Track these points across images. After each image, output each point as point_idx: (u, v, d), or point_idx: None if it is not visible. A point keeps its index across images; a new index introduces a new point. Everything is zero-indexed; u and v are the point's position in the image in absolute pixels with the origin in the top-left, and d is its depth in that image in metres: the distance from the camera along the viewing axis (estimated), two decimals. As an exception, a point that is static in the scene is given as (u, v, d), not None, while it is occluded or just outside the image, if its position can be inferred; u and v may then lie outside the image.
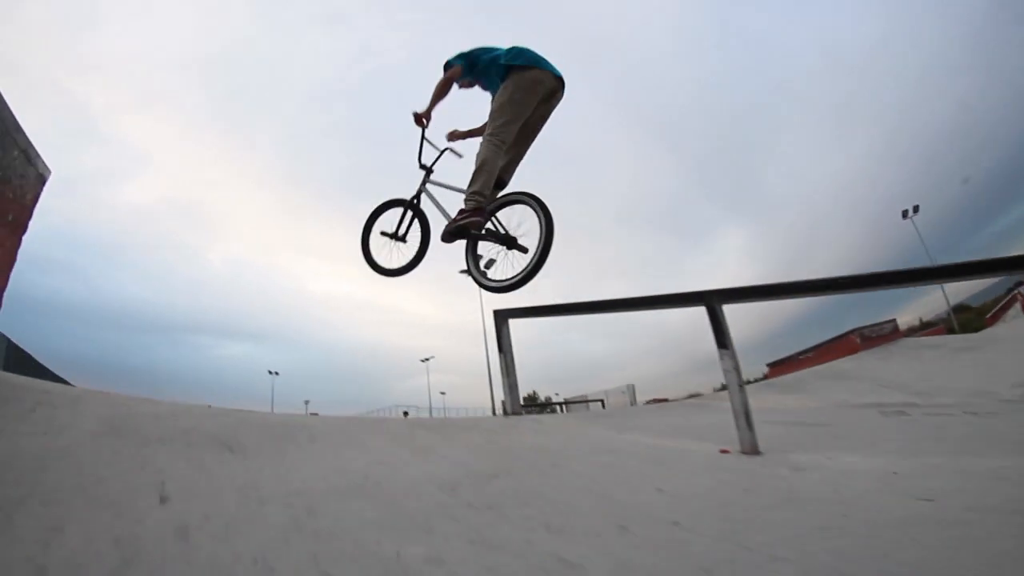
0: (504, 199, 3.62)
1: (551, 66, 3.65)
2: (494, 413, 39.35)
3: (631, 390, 39.42)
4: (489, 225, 3.65)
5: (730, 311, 4.47)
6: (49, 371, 16.14)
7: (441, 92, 3.82)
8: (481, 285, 3.77)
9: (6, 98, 2.81)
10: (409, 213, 4.13)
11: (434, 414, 52.33)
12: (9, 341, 14.61)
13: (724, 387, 4.37)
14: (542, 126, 3.77)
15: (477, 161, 3.53)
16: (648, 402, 40.55)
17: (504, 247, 3.62)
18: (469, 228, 3.56)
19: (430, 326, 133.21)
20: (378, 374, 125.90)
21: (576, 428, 5.44)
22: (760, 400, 6.30)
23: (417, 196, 4.10)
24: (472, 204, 3.51)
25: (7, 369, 14.45)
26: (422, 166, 4.10)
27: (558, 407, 33.63)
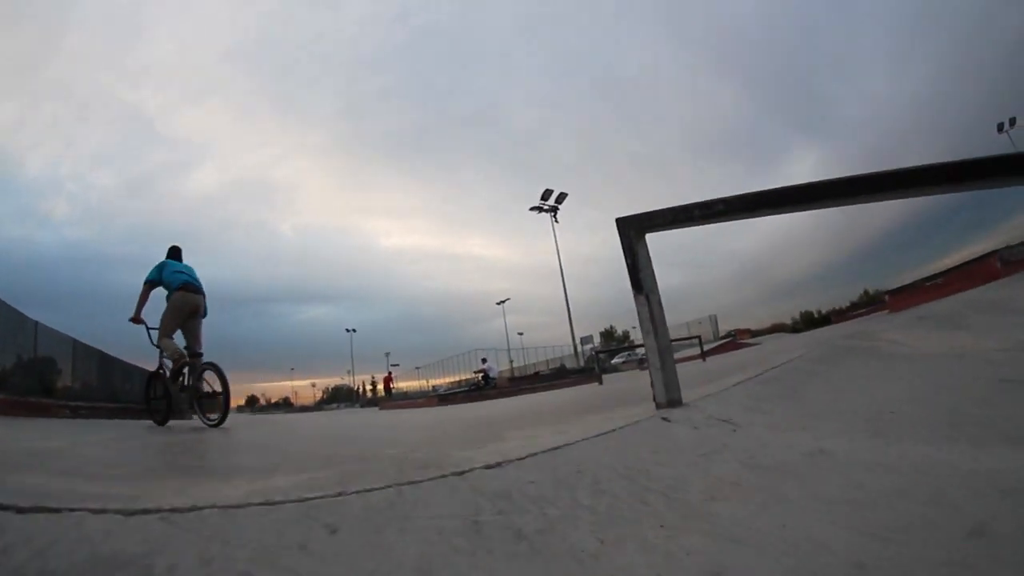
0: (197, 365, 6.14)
1: (196, 283, 6.40)
2: (575, 352, 39.07)
3: (713, 321, 38.35)
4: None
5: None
6: (122, 361, 17.64)
7: (143, 300, 6.21)
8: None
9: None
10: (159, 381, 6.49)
11: (512, 355, 53.62)
12: (75, 341, 16.05)
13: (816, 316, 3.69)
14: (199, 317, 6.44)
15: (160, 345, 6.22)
16: (731, 333, 39.13)
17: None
18: (181, 365, 6.10)
19: (502, 269, 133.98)
20: (455, 320, 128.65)
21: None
22: (920, 337, 5.33)
23: (160, 365, 6.42)
24: (170, 356, 6.20)
25: (74, 367, 15.70)
26: (156, 345, 6.26)
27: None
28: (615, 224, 3.41)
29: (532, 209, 35.70)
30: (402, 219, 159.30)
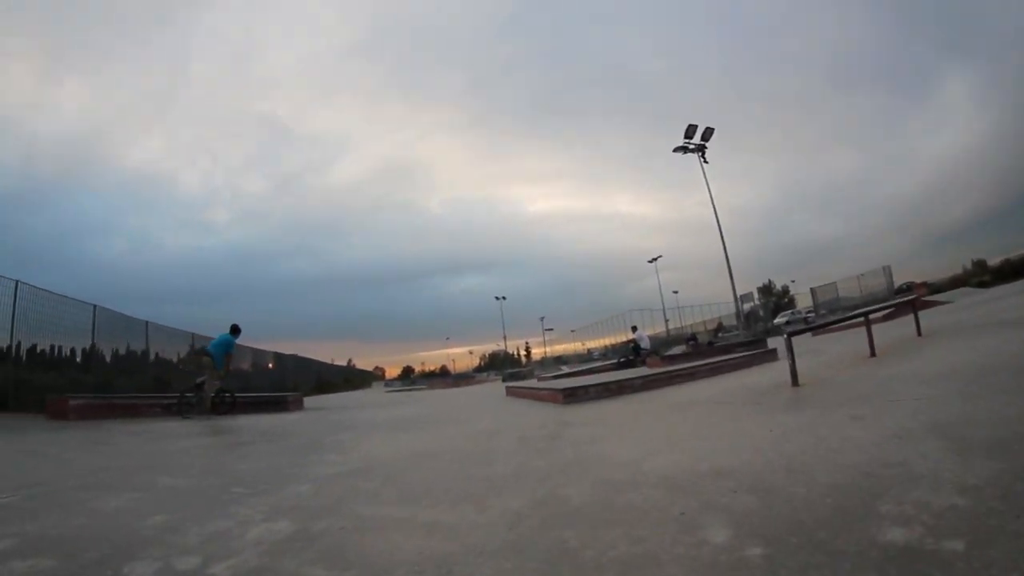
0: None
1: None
2: (737, 312, 36.24)
3: (886, 273, 32.97)
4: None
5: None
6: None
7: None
8: None
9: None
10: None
11: (668, 314, 51.71)
12: (194, 335, 17.40)
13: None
14: None
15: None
16: (905, 286, 33.71)
17: None
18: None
19: (652, 226, 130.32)
20: (608, 281, 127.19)
21: None
22: None
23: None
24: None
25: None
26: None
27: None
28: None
29: (677, 150, 33.04)
30: (546, 184, 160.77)
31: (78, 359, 13.64)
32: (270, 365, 28.84)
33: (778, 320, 38.52)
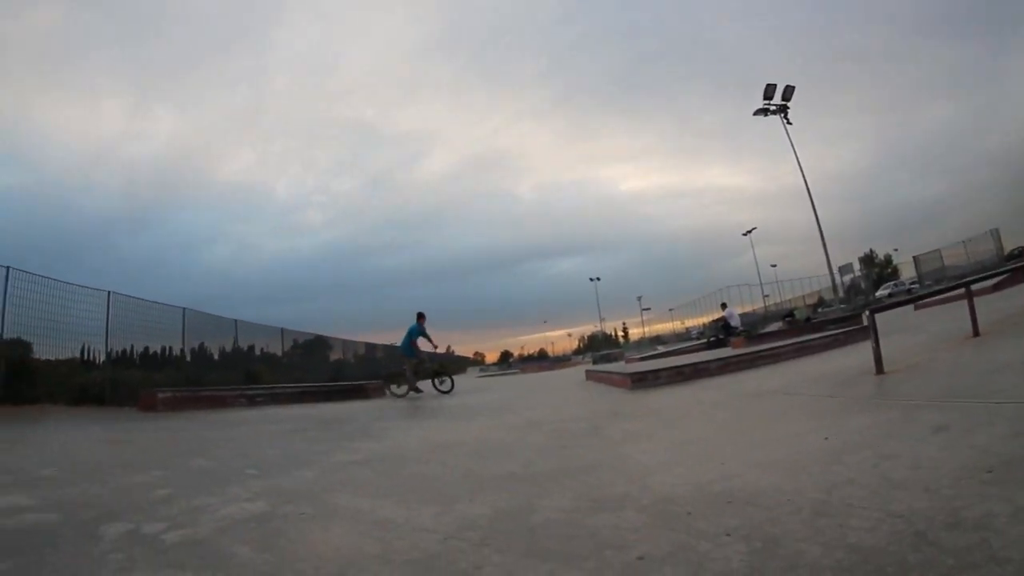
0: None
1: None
2: (833, 285, 34.07)
3: (994, 237, 29.44)
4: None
5: None
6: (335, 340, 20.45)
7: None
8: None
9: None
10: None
11: (766, 289, 49.46)
12: (283, 330, 19.12)
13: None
14: None
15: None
16: (1016, 251, 30.13)
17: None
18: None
19: (748, 198, 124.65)
20: (705, 257, 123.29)
21: None
22: None
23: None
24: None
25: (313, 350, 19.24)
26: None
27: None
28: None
29: (758, 112, 31.67)
30: (635, 161, 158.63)
31: (170, 356, 15.14)
32: (356, 354, 30.38)
33: (880, 292, 36.11)
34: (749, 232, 53.17)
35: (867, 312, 7.23)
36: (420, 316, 14.70)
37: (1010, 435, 2.95)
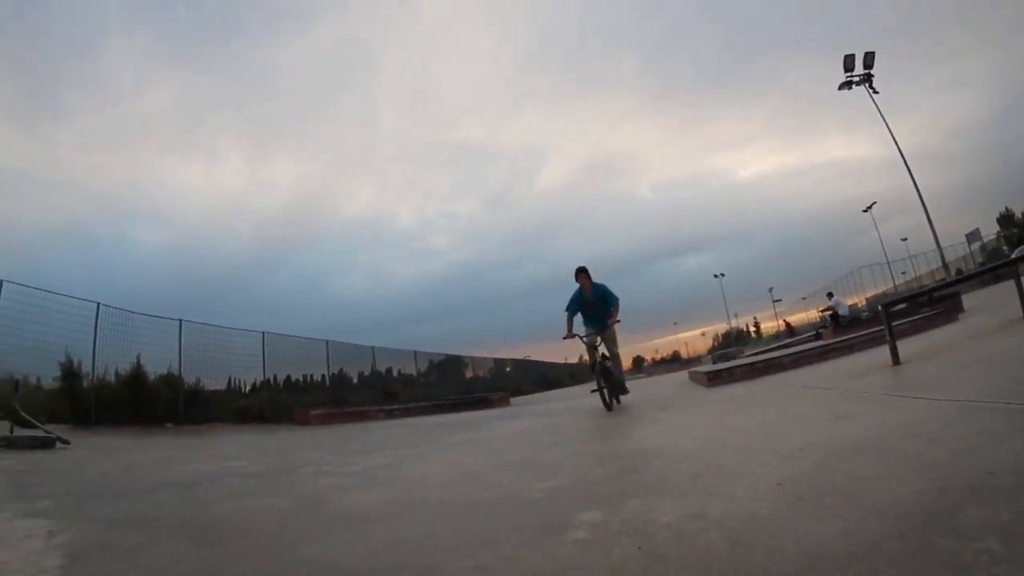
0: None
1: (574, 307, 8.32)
2: (940, 254, 31.05)
3: None
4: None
5: None
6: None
7: (568, 324, 8.12)
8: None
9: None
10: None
11: (900, 265, 45.21)
12: (416, 352, 21.19)
13: None
14: None
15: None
16: None
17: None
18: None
19: (874, 167, 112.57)
20: (834, 237, 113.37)
21: None
22: None
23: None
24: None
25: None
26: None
27: None
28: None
29: (842, 87, 30.19)
30: (750, 144, 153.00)
31: (314, 381, 17.94)
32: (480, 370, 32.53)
33: (1016, 253, 32.50)
34: (869, 208, 49.25)
35: (880, 308, 7.37)
36: (581, 273, 8.30)
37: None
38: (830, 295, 23.11)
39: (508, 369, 34.36)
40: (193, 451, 7.93)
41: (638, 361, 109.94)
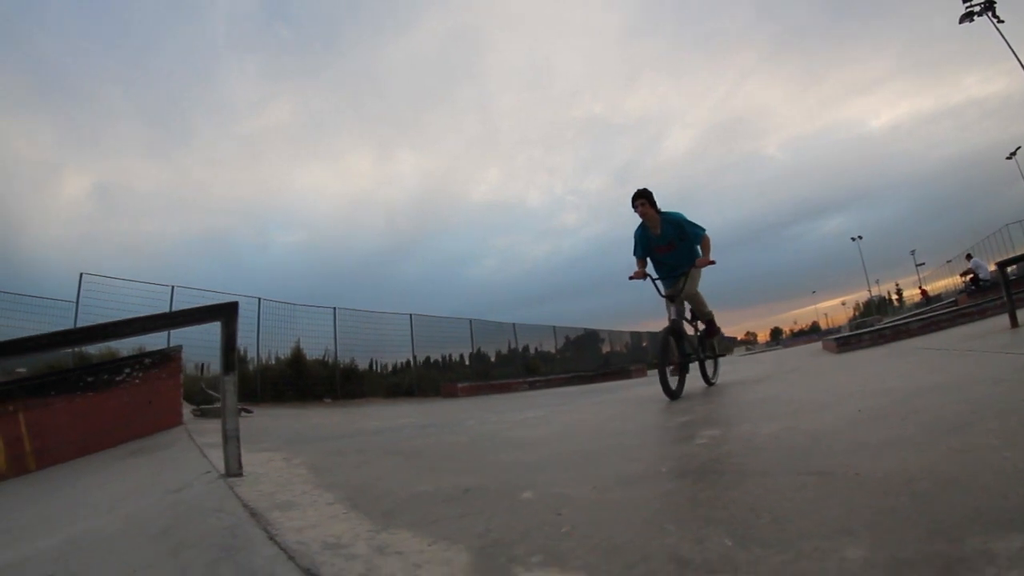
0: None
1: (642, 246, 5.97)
2: None
3: None
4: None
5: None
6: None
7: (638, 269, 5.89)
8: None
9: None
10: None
11: None
12: (555, 328, 22.26)
13: None
14: None
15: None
16: None
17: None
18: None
19: (1020, 104, 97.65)
20: (979, 189, 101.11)
21: None
22: None
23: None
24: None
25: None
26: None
27: None
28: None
29: (963, 19, 26.73)
30: (878, 90, 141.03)
31: (458, 359, 19.11)
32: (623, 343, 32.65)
33: None
34: (1013, 155, 42.23)
35: (997, 267, 7.23)
36: (640, 200, 5.74)
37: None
38: (969, 256, 21.33)
39: (645, 344, 34.25)
40: (361, 416, 9.00)
41: (776, 333, 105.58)
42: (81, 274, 13.72)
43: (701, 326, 6.23)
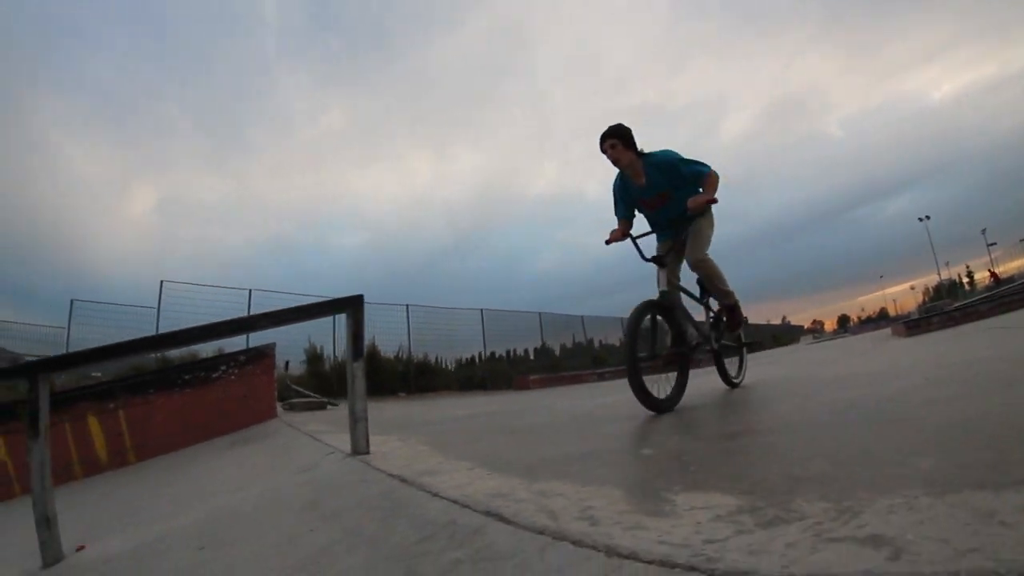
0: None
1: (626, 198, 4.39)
2: None
3: None
4: None
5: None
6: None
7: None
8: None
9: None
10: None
11: None
12: (622, 319, 24.08)
13: None
14: None
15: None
16: None
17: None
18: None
19: None
20: None
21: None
22: None
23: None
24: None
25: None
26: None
27: None
28: None
29: None
30: (940, 58, 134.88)
31: (531, 351, 19.40)
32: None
33: None
34: None
35: None
36: (609, 142, 4.10)
37: None
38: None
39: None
40: (442, 407, 9.35)
41: (843, 320, 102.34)
42: (162, 282, 14.57)
43: (716, 306, 4.71)
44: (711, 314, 4.72)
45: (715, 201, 3.96)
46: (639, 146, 4.11)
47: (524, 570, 1.20)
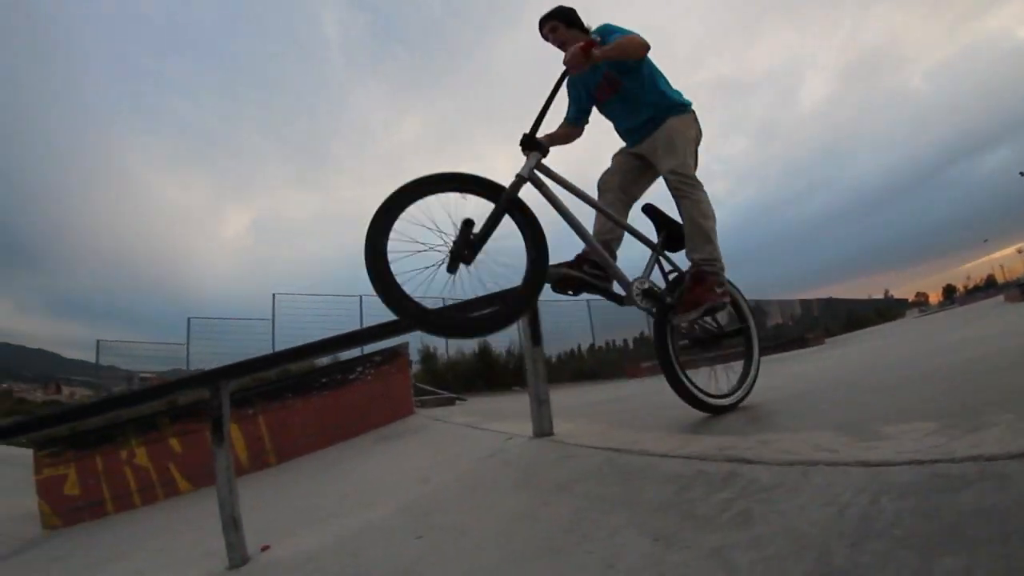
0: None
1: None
2: None
3: None
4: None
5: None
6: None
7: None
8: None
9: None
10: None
11: None
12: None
13: None
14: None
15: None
16: None
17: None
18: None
19: None
20: None
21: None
22: None
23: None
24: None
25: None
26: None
27: None
28: None
29: None
30: None
31: (627, 342, 19.97)
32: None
33: None
34: None
35: None
36: (549, 25, 3.28)
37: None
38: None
39: (816, 314, 32.80)
40: (569, 396, 9.49)
41: (949, 291, 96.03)
42: (274, 295, 15.56)
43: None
44: (667, 270, 3.41)
45: (596, 47, 2.88)
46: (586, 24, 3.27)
47: (796, 492, 1.48)
